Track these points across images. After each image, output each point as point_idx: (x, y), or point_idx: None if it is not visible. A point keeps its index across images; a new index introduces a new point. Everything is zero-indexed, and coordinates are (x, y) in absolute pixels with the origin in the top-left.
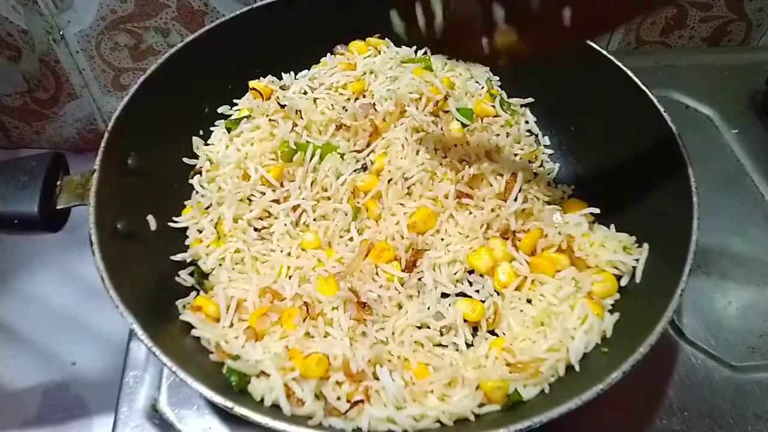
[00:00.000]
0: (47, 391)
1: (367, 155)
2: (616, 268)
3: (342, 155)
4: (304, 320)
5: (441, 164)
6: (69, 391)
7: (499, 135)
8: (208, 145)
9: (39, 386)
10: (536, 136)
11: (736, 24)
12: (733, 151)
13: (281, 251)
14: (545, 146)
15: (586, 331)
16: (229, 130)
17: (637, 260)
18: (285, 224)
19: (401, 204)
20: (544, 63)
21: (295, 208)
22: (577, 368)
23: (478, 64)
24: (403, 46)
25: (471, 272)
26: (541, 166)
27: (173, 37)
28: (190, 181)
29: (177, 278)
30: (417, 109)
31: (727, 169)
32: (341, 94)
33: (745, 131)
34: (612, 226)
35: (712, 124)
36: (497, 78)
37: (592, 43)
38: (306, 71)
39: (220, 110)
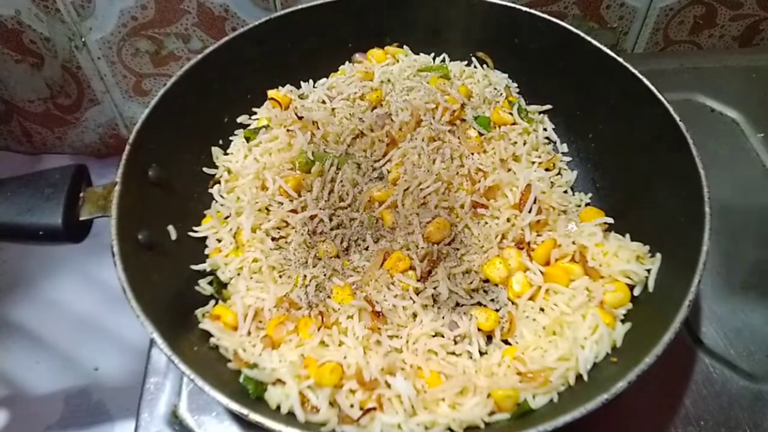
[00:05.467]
0: (69, 397)
1: (384, 165)
2: (629, 278)
3: (359, 165)
4: (319, 329)
5: (457, 174)
6: (91, 396)
7: (516, 143)
8: (227, 154)
9: (61, 392)
10: (554, 143)
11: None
12: (758, 156)
13: (298, 260)
14: (563, 153)
15: (597, 341)
16: (248, 139)
17: (649, 270)
18: (302, 234)
19: (417, 214)
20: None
21: (312, 217)
22: (585, 378)
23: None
24: (421, 54)
25: (486, 281)
26: (558, 173)
27: (194, 43)
28: (210, 190)
29: (196, 287)
30: (434, 118)
31: (752, 174)
32: (359, 104)
33: None
34: (627, 234)
35: (737, 127)
36: (516, 85)
37: (608, 50)
38: (324, 79)
39: (239, 120)
